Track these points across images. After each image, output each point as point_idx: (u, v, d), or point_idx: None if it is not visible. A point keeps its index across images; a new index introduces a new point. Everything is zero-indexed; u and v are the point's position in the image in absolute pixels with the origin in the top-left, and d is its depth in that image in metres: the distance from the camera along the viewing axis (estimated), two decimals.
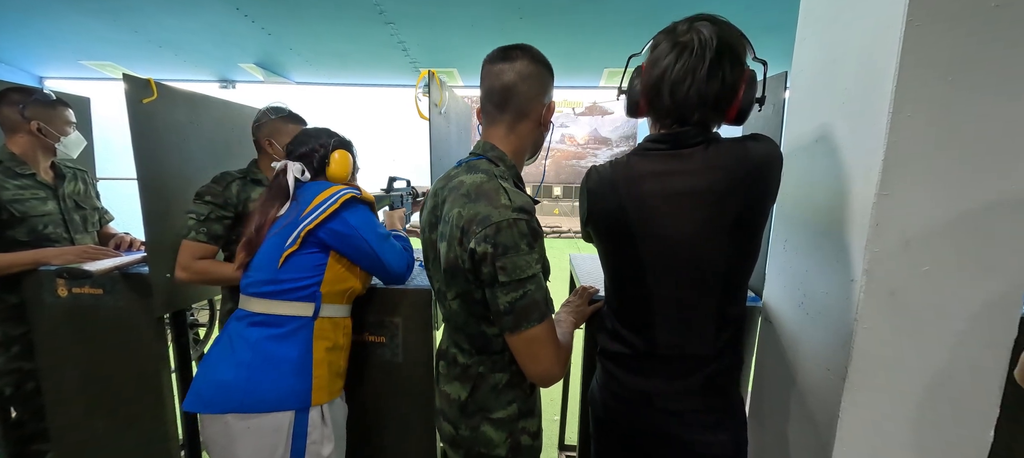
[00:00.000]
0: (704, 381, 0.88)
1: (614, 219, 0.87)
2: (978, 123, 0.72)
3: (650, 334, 0.90)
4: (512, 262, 0.78)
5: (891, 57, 0.72)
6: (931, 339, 0.79)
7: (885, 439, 0.84)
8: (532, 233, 0.81)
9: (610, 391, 0.97)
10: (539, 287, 0.81)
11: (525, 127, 0.92)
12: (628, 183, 0.86)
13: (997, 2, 0.68)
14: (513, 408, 0.93)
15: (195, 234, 1.34)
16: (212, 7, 3.20)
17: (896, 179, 0.75)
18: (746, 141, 0.82)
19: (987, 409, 0.80)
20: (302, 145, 1.22)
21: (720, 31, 0.79)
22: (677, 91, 0.81)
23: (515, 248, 0.78)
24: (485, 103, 0.92)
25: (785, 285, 1.08)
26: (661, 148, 0.86)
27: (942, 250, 0.76)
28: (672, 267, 0.84)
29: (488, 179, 0.84)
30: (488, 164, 0.88)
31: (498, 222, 0.78)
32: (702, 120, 0.83)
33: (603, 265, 0.97)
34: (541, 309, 0.81)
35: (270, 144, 1.52)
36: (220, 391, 1.05)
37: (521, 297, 0.79)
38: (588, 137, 11.43)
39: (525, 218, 0.80)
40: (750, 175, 0.79)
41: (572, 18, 3.25)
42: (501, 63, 0.88)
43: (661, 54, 0.83)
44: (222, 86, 5.59)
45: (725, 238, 0.81)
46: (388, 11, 3.23)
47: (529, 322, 0.80)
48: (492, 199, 0.80)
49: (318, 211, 1.11)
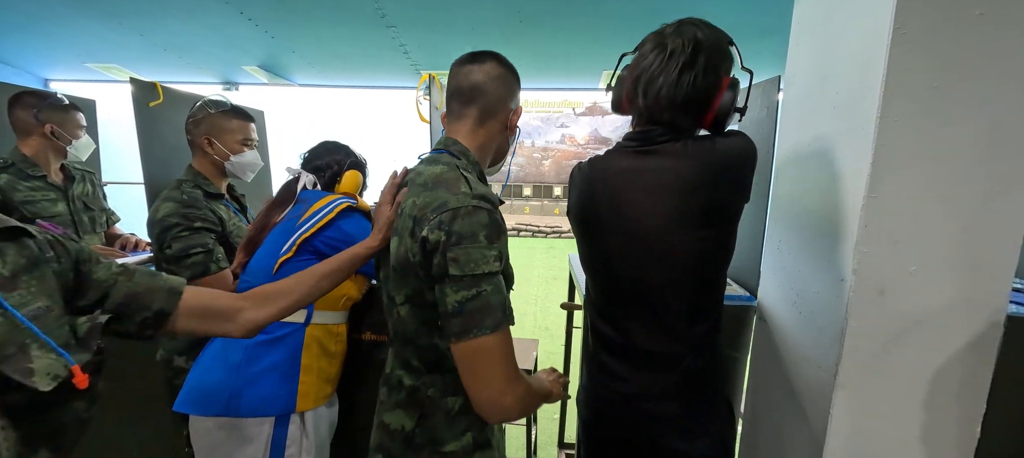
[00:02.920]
0: (681, 380, 0.87)
1: (588, 213, 0.91)
2: (963, 126, 0.74)
3: (625, 325, 0.90)
4: (466, 253, 0.68)
5: (879, 63, 0.75)
6: (919, 337, 0.81)
7: (875, 435, 0.86)
8: (493, 225, 0.72)
9: (594, 395, 0.98)
10: (497, 290, 0.70)
11: (491, 127, 0.88)
12: (602, 178, 0.90)
13: (981, 10, 0.71)
14: (468, 438, 0.81)
15: (216, 267, 1.24)
16: (216, 11, 3.24)
17: (884, 181, 0.77)
18: (717, 137, 0.84)
19: (974, 406, 0.82)
20: (319, 158, 1.24)
21: (701, 35, 0.80)
22: (649, 90, 0.83)
23: (471, 238, 0.69)
24: (451, 102, 0.88)
25: (779, 285, 1.10)
26: (632, 145, 0.88)
27: (929, 250, 0.78)
28: (642, 261, 0.85)
29: (449, 169, 0.78)
30: (450, 158, 0.83)
31: (455, 208, 0.70)
32: (672, 122, 0.84)
33: (581, 258, 1.00)
34: (496, 316, 0.69)
35: (210, 143, 1.32)
36: (206, 394, 1.05)
37: (474, 297, 0.68)
38: (588, 137, 11.43)
39: (487, 207, 0.72)
40: (719, 169, 0.80)
41: (571, 21, 3.28)
42: (469, 65, 0.86)
43: (644, 53, 0.85)
44: (225, 88, 5.62)
45: (693, 231, 0.81)
46: (390, 14, 3.26)
47: (480, 329, 0.68)
48: (451, 187, 0.74)
49: (314, 220, 1.12)
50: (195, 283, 1.18)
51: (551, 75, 5.14)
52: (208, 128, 1.33)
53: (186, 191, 1.28)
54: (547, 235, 9.91)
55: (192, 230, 1.21)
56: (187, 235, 1.20)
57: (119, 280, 0.66)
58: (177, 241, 1.20)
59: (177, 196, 1.25)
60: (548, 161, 11.73)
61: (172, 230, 1.20)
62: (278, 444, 1.06)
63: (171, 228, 1.20)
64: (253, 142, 1.40)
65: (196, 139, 1.33)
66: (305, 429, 1.11)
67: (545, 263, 7.09)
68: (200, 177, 1.34)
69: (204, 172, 1.35)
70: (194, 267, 1.19)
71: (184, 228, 1.20)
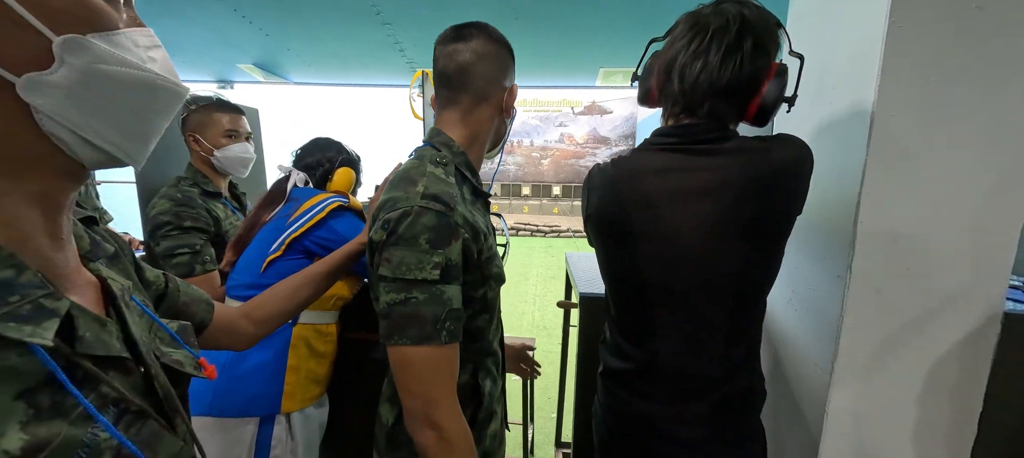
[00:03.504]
0: (713, 407, 0.77)
1: (613, 218, 0.79)
2: (959, 122, 0.73)
3: (652, 347, 0.80)
4: (400, 256, 0.64)
5: (874, 58, 0.74)
6: (915, 335, 0.81)
7: (871, 433, 0.85)
8: (442, 229, 0.66)
9: (612, 411, 0.88)
10: (433, 301, 0.64)
11: (484, 112, 0.79)
12: (630, 180, 0.78)
13: (978, 3, 0.70)
14: None
15: (202, 268, 1.22)
16: (210, 9, 3.22)
17: (880, 178, 0.76)
18: (770, 140, 0.73)
19: (971, 403, 0.82)
20: (311, 155, 1.22)
21: (746, 13, 0.70)
22: (686, 75, 0.72)
23: (410, 241, 0.65)
24: (438, 88, 0.80)
25: (776, 282, 1.09)
26: (669, 142, 0.76)
27: (926, 248, 0.77)
28: (676, 272, 0.75)
29: (417, 165, 0.73)
30: (431, 151, 0.77)
31: (403, 208, 0.66)
32: (713, 112, 0.73)
33: (602, 270, 0.88)
34: (424, 329, 0.64)
35: (195, 140, 1.32)
36: (190, 393, 1.04)
37: (401, 302, 0.64)
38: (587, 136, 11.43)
39: (436, 208, 0.66)
40: (771, 177, 0.70)
41: (567, 19, 3.27)
42: (455, 43, 0.77)
43: (678, 35, 0.75)
44: (221, 87, 5.60)
45: (737, 243, 0.72)
46: (385, 12, 3.25)
47: (402, 337, 0.64)
48: (409, 185, 0.70)
49: (304, 219, 1.10)
50: None
51: (548, 73, 5.13)
52: (193, 125, 1.33)
53: (183, 189, 1.28)
54: (545, 234, 9.91)
55: (181, 230, 1.21)
56: (176, 234, 1.21)
57: (170, 286, 0.61)
58: (166, 239, 1.20)
59: (173, 194, 1.26)
60: (547, 160, 11.72)
61: (162, 228, 1.21)
62: (263, 445, 1.05)
63: (161, 226, 1.21)
64: (240, 134, 1.37)
65: (185, 138, 1.34)
66: (291, 430, 1.10)
67: (543, 262, 7.09)
68: (199, 175, 1.34)
69: (201, 170, 1.35)
70: (179, 267, 1.19)
71: (174, 227, 1.21)
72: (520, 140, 11.63)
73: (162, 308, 0.60)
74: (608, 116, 10.97)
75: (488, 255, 0.76)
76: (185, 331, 0.54)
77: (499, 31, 0.80)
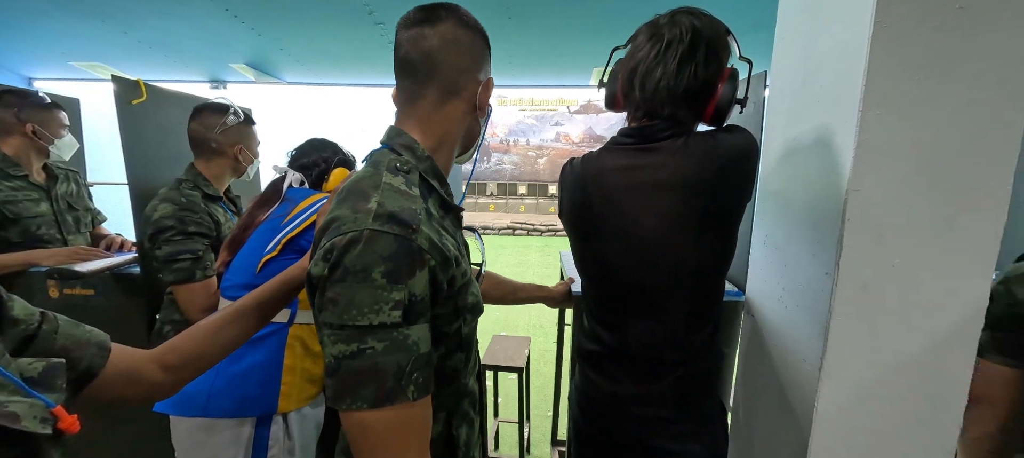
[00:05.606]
0: (675, 385, 0.84)
1: (582, 213, 0.86)
2: (945, 119, 0.74)
3: (622, 332, 0.87)
4: (347, 295, 0.51)
5: (861, 57, 0.75)
6: (903, 330, 0.82)
7: (859, 429, 0.86)
8: (401, 258, 0.52)
9: (585, 395, 0.95)
10: (393, 349, 0.51)
11: (454, 108, 0.67)
12: (595, 177, 0.84)
13: (961, 3, 0.71)
14: None
15: (202, 274, 1.22)
16: (202, 8, 3.20)
17: (867, 175, 0.77)
18: (718, 133, 0.80)
19: (957, 398, 0.83)
20: (306, 156, 1.22)
21: (698, 23, 0.77)
22: (647, 83, 0.79)
23: (360, 275, 0.51)
24: (400, 78, 0.68)
25: (766, 279, 1.10)
26: (628, 142, 0.83)
27: (913, 244, 0.78)
28: (639, 263, 0.81)
29: (371, 174, 0.61)
30: (389, 155, 0.65)
31: (350, 232, 0.52)
32: (673, 115, 0.80)
33: (575, 262, 0.95)
34: (386, 385, 0.50)
35: (241, 151, 1.41)
36: (186, 395, 1.01)
37: (353, 354, 0.50)
38: (583, 135, 11.43)
39: (394, 232, 0.52)
40: (721, 167, 0.76)
41: (560, 18, 3.28)
42: (420, 26, 0.64)
43: (639, 45, 0.81)
44: (213, 87, 5.56)
45: (694, 233, 0.78)
46: (377, 12, 3.25)
47: (355, 399, 0.50)
48: (359, 200, 0.56)
49: (299, 219, 1.10)
50: (180, 288, 1.19)
51: (542, 72, 5.13)
52: (238, 137, 1.39)
53: (185, 193, 1.28)
54: (542, 233, 9.92)
55: (185, 235, 1.21)
56: (180, 239, 1.20)
57: (44, 327, 0.53)
58: (168, 244, 1.20)
59: (175, 197, 1.25)
60: (543, 159, 11.72)
61: (165, 233, 1.20)
62: (260, 445, 1.05)
63: (165, 230, 1.20)
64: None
65: (224, 148, 1.36)
66: (288, 430, 1.10)
67: (540, 261, 7.10)
68: (200, 178, 1.34)
69: (208, 175, 1.36)
70: (180, 272, 1.19)
71: (177, 232, 1.20)
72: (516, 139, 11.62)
73: (30, 351, 0.51)
74: (604, 114, 10.99)
75: (462, 283, 0.63)
76: (50, 372, 0.47)
77: (473, 16, 0.69)
